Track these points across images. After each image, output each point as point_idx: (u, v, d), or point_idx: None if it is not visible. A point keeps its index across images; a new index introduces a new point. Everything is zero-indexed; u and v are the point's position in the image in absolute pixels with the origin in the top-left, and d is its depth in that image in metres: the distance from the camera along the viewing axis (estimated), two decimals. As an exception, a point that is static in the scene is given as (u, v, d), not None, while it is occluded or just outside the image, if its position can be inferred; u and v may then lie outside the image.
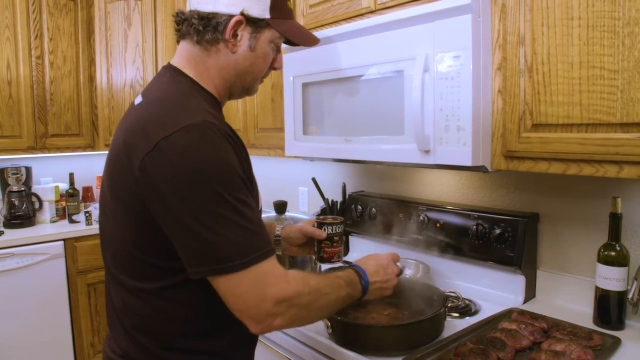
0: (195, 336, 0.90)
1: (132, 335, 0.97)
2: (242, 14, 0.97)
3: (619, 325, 1.29)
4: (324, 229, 1.27)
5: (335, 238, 1.27)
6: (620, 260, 1.28)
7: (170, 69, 1.02)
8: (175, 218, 0.85)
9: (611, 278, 1.28)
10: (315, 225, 1.29)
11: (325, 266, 1.32)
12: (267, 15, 1.00)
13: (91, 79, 3.06)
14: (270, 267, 0.88)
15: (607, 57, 1.02)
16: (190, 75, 1.00)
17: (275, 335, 1.46)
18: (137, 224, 0.92)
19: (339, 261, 1.29)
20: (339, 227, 1.28)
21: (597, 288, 1.32)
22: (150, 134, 0.87)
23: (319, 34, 1.56)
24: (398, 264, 1.22)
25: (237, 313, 0.88)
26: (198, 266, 0.86)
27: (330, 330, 1.26)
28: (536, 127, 1.16)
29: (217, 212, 0.84)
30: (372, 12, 1.51)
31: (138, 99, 1.00)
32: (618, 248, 1.29)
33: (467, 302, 1.51)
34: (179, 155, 0.84)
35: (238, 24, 0.97)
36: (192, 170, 0.84)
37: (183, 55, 1.02)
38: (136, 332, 0.97)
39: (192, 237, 0.85)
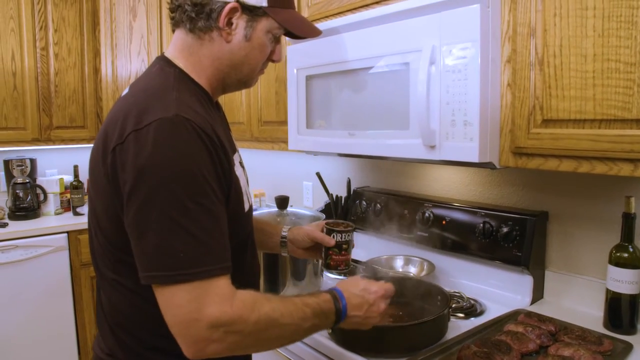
0: None
1: (116, 335, 0.95)
2: (237, 0, 0.92)
3: (631, 329, 1.24)
4: (333, 237, 1.21)
5: (344, 246, 1.22)
6: (633, 262, 1.23)
7: (161, 59, 0.98)
8: (130, 215, 0.81)
9: (623, 280, 1.24)
10: (325, 230, 1.23)
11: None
12: (264, 3, 0.95)
13: (96, 70, 3.04)
14: (216, 285, 0.80)
15: (623, 49, 0.97)
16: (181, 66, 0.96)
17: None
18: (110, 219, 0.88)
19: (346, 269, 1.24)
20: (348, 235, 1.22)
21: (608, 290, 1.28)
22: (124, 127, 0.83)
23: (323, 25, 1.52)
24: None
25: (171, 329, 0.81)
26: (142, 270, 0.81)
27: (330, 331, 1.23)
28: (546, 122, 1.11)
29: (170, 216, 0.78)
30: (377, 2, 1.46)
31: (125, 90, 0.97)
32: (631, 249, 1.24)
33: (472, 302, 1.47)
34: (143, 149, 0.79)
35: (233, 11, 0.93)
36: (153, 165, 0.78)
37: (177, 45, 0.98)
38: (120, 331, 0.94)
39: (141, 238, 0.80)
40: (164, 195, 0.78)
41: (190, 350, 0.80)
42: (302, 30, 1.04)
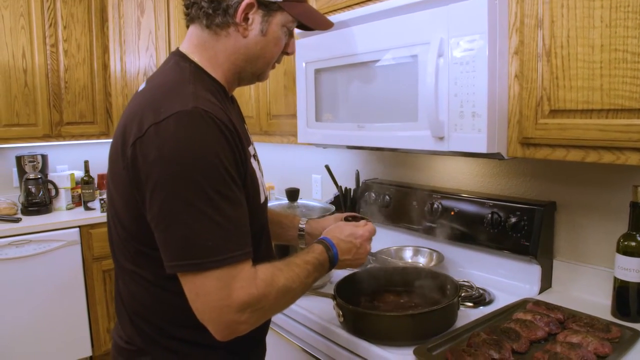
0: (196, 328, 0.87)
1: (135, 323, 0.97)
2: None
3: (639, 317, 1.26)
4: None
5: None
6: (641, 250, 1.24)
7: (176, 54, 1.00)
8: (153, 206, 0.83)
9: (631, 269, 1.25)
10: None
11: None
12: None
13: (105, 66, 3.07)
14: (240, 269, 0.83)
15: (630, 39, 0.98)
16: (196, 60, 0.98)
17: (287, 324, 1.46)
18: (130, 212, 0.90)
19: None
20: None
21: (615, 279, 1.29)
22: (143, 120, 0.85)
23: (331, 18, 1.53)
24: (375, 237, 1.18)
25: (199, 316, 0.84)
26: (168, 260, 0.83)
27: (341, 319, 1.25)
28: (554, 113, 1.12)
29: (193, 205, 0.80)
30: (385, -5, 1.47)
31: (142, 85, 0.99)
32: (639, 238, 1.25)
33: (481, 291, 1.49)
34: (165, 142, 0.81)
35: (249, 6, 0.94)
36: (176, 158, 0.81)
37: (192, 41, 1.00)
38: (139, 320, 0.97)
39: (166, 228, 0.82)
40: (188, 186, 0.80)
41: (222, 334, 0.84)
42: (316, 23, 1.06)
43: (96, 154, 3.29)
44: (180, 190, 0.81)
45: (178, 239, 0.82)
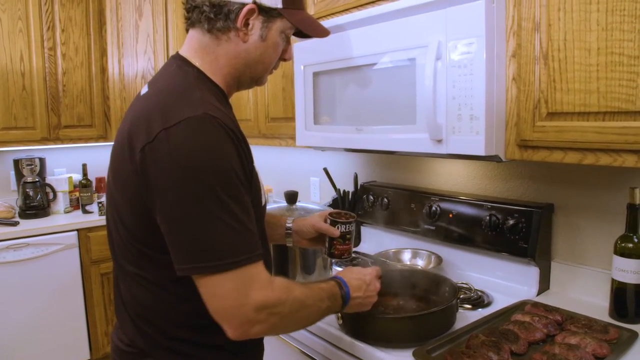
0: (199, 329, 0.88)
1: (137, 325, 0.98)
2: (254, 2, 0.96)
3: (636, 318, 1.26)
4: (337, 227, 1.25)
5: (348, 236, 1.26)
6: (638, 252, 1.25)
7: (177, 58, 1.01)
8: (166, 210, 0.84)
9: (628, 270, 1.25)
10: (328, 221, 1.27)
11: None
12: (280, 5, 0.98)
13: (103, 70, 3.07)
14: (256, 271, 0.86)
15: (627, 42, 0.99)
16: (198, 65, 0.99)
17: (286, 326, 1.46)
18: (136, 215, 0.91)
19: (348, 258, 1.29)
20: (351, 226, 1.27)
21: (613, 280, 1.30)
22: (151, 125, 0.86)
23: (329, 22, 1.54)
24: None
25: (215, 315, 0.86)
26: (183, 263, 0.85)
27: (340, 322, 1.26)
28: (551, 115, 1.13)
29: (208, 209, 0.82)
30: (383, -1, 1.48)
31: (144, 89, 1.00)
32: (636, 240, 1.26)
33: (479, 293, 1.49)
34: (177, 148, 0.83)
35: (250, 12, 0.96)
36: (189, 163, 0.82)
37: (192, 45, 1.01)
38: (141, 322, 0.97)
39: (180, 231, 0.84)
40: (200, 190, 0.82)
41: (236, 333, 0.85)
42: (314, 31, 1.08)
43: (94, 157, 3.29)
44: (194, 194, 0.82)
45: (193, 242, 0.83)
